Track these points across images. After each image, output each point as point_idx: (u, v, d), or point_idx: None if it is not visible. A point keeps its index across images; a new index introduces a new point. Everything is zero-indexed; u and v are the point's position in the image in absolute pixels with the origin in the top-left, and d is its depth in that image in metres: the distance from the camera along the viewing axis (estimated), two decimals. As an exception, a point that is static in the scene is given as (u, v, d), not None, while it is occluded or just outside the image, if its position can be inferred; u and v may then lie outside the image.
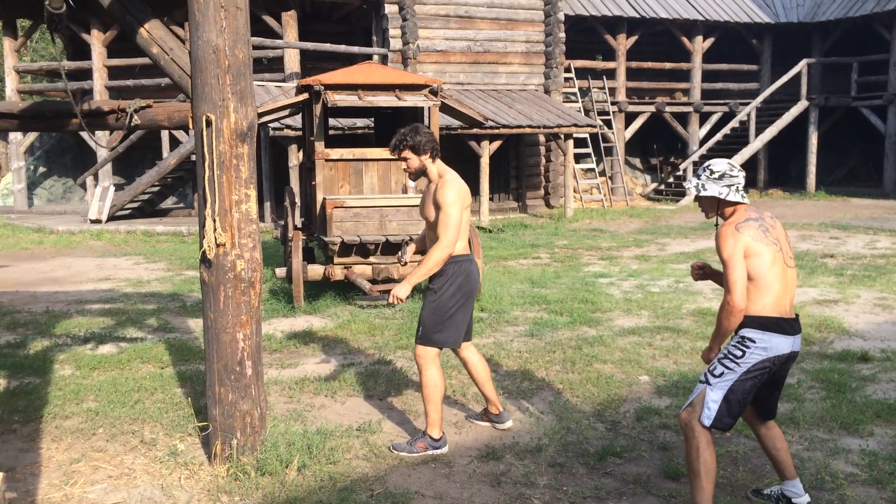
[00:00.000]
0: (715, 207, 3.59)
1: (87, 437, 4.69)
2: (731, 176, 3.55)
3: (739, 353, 3.45)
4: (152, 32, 4.26)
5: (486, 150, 15.60)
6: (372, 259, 8.40)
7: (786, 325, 3.45)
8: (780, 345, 3.43)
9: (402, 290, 4.34)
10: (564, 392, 5.43)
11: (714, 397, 3.45)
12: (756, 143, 20.39)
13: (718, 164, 3.57)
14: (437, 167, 4.52)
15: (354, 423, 4.87)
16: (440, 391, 4.42)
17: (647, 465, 4.22)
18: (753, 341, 3.43)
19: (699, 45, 21.37)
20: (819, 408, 4.99)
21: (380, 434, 4.69)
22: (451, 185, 4.39)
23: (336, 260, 8.35)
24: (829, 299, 8.28)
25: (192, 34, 3.99)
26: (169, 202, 19.60)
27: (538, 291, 8.85)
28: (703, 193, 3.57)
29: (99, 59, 17.65)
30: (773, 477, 4.02)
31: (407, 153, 4.46)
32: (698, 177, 3.62)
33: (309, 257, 9.35)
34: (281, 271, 8.60)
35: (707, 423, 3.45)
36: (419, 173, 4.53)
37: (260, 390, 4.29)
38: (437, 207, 4.37)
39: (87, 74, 18.16)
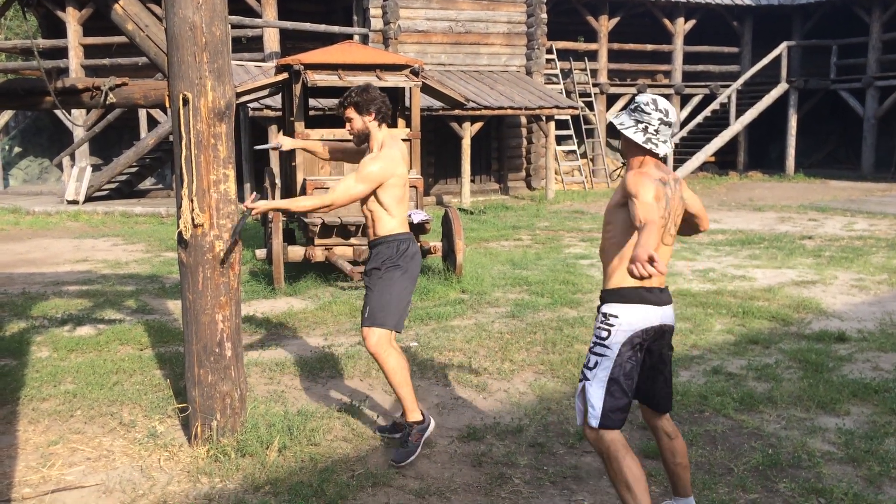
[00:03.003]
0: (626, 145, 3.12)
1: (65, 420, 4.64)
2: (643, 112, 3.04)
3: (605, 334, 3.05)
4: (127, 8, 4.18)
5: (468, 131, 15.55)
6: (353, 240, 8.36)
7: (650, 295, 3.06)
8: (648, 316, 3.05)
9: (260, 203, 3.88)
10: (545, 373, 5.45)
11: (596, 393, 3.05)
12: (736, 126, 20.48)
13: (642, 97, 3.09)
14: (382, 135, 4.12)
15: (335, 404, 4.86)
16: (407, 372, 4.14)
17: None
18: (616, 316, 3.04)
19: (681, 27, 21.38)
20: (796, 387, 5.05)
21: (360, 415, 4.69)
22: (380, 159, 3.99)
23: (317, 241, 8.30)
24: (806, 280, 8.36)
25: (168, 11, 3.91)
26: (147, 183, 19.40)
27: (519, 273, 8.86)
28: (612, 119, 3.17)
29: (74, 37, 17.35)
30: (752, 456, 4.06)
31: (350, 112, 4.07)
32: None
33: (289, 239, 9.29)
34: (261, 253, 8.55)
35: (594, 423, 3.05)
36: (362, 137, 4.12)
37: (240, 371, 4.26)
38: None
39: (62, 53, 17.86)
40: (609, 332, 3.05)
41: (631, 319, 3.03)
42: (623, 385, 3.05)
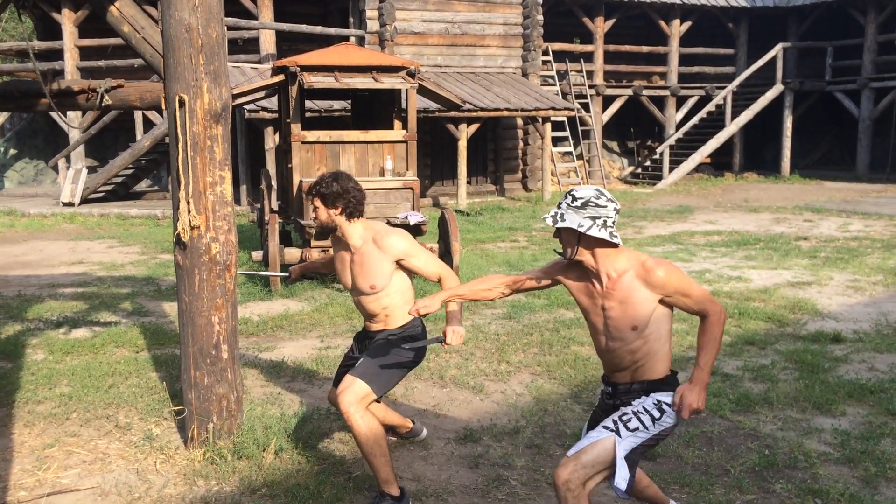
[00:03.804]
0: (574, 243, 2.93)
1: (61, 422, 4.63)
2: (597, 206, 2.89)
3: (658, 415, 2.96)
4: (123, 10, 4.18)
5: (464, 133, 15.55)
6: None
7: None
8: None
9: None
10: (542, 374, 5.45)
11: (621, 453, 2.89)
12: (732, 127, 20.51)
13: (582, 191, 2.94)
14: (358, 229, 3.73)
15: (332, 406, 4.85)
16: (384, 439, 3.60)
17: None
18: (670, 406, 2.97)
19: (676, 29, 21.41)
20: (792, 388, 5.05)
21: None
22: (397, 234, 3.72)
23: (313, 243, 8.29)
24: (802, 281, 8.37)
25: (164, 13, 3.91)
26: (143, 185, 19.36)
27: (516, 275, 8.85)
28: (560, 224, 2.92)
29: (70, 39, 17.32)
30: (748, 457, 4.07)
31: (316, 201, 3.71)
32: (559, 205, 2.98)
33: (285, 241, 9.28)
34: (257, 255, 8.54)
35: (623, 486, 2.85)
36: (327, 229, 3.77)
37: (236, 374, 4.26)
38: (399, 259, 3.70)
39: (58, 55, 17.82)
40: (662, 414, 2.98)
41: (673, 413, 3.00)
42: (636, 463, 2.96)
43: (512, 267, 9.36)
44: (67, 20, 17.27)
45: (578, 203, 2.91)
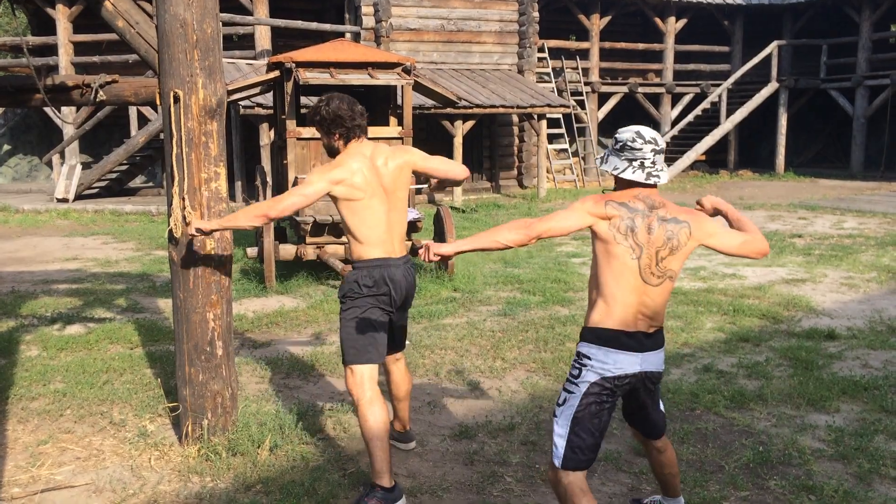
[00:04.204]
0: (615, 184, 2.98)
1: (55, 419, 4.62)
2: (633, 149, 2.89)
3: (576, 373, 2.91)
4: (118, 5, 4.16)
5: (460, 129, 15.55)
6: (344, 239, 8.35)
7: (629, 341, 2.88)
8: (621, 363, 2.87)
9: (203, 224, 3.70)
10: (537, 371, 5.45)
11: (560, 431, 2.88)
12: (727, 125, 20.54)
13: (623, 133, 2.95)
14: (350, 148, 3.69)
15: (327, 403, 4.85)
16: (385, 428, 3.56)
17: (619, 442, 4.26)
18: (588, 357, 2.89)
19: (672, 26, 21.42)
20: (787, 385, 5.07)
21: (352, 414, 4.68)
22: (328, 165, 3.65)
23: (308, 240, 8.28)
24: (797, 278, 8.39)
25: (159, 8, 3.90)
26: (137, 181, 19.32)
27: (511, 271, 8.87)
28: (602, 167, 3.00)
29: (64, 34, 17.26)
30: (742, 454, 4.08)
31: (316, 128, 3.73)
32: (608, 147, 3.10)
33: (281, 237, 9.27)
34: (252, 251, 8.53)
35: (557, 463, 2.85)
36: (331, 150, 3.75)
37: (231, 370, 4.25)
38: None
39: (52, 50, 17.77)
40: (579, 371, 2.91)
41: (604, 363, 2.87)
42: (588, 425, 2.87)
43: (507, 263, 9.36)
44: (62, 15, 17.21)
45: (619, 146, 2.94)
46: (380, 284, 3.65)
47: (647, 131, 2.92)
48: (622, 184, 2.95)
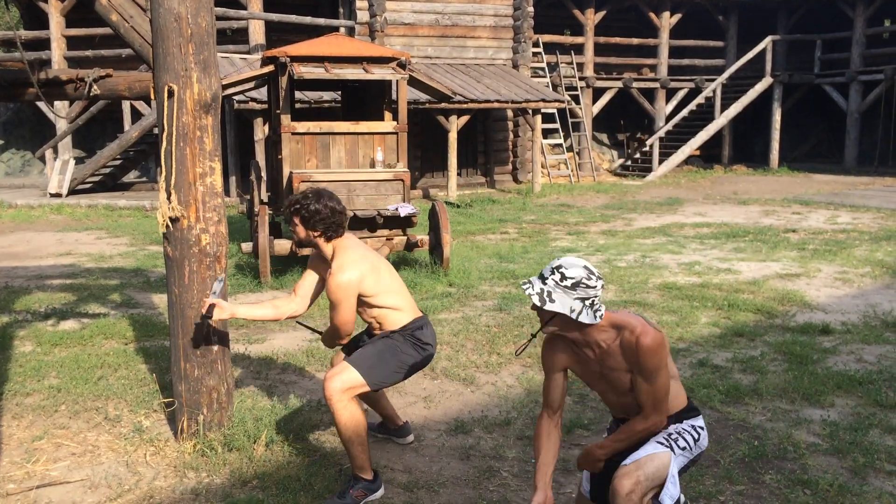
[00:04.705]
0: (559, 323, 2.77)
1: (50, 414, 4.61)
2: (587, 286, 2.69)
3: (697, 436, 2.95)
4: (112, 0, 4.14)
5: (454, 124, 15.53)
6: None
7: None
8: None
9: (221, 313, 3.68)
10: (532, 366, 5.45)
11: (674, 471, 2.78)
12: (721, 120, 20.56)
13: (572, 269, 2.70)
14: (332, 247, 3.72)
15: (323, 398, 4.84)
16: (364, 428, 3.59)
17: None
18: (703, 429, 2.99)
19: (666, 21, 21.42)
20: (782, 379, 5.08)
21: (348, 409, 4.67)
22: (345, 267, 3.61)
23: (303, 235, 8.25)
24: (791, 273, 8.42)
25: (153, 1, 3.87)
26: (131, 176, 19.24)
27: (506, 266, 8.87)
28: (548, 307, 2.70)
29: (57, 28, 17.16)
30: (738, 448, 4.09)
31: (296, 219, 3.67)
32: (543, 279, 2.74)
33: (276, 232, 9.25)
34: (247, 246, 8.51)
35: (669, 502, 2.74)
36: (304, 243, 3.75)
37: (226, 366, 4.24)
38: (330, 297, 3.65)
39: (45, 44, 17.66)
40: (698, 437, 2.96)
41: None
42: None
43: (502, 258, 9.36)
44: (54, 9, 17.11)
45: (569, 283, 2.69)
46: (433, 344, 3.80)
47: (591, 265, 2.78)
48: (569, 324, 2.76)
